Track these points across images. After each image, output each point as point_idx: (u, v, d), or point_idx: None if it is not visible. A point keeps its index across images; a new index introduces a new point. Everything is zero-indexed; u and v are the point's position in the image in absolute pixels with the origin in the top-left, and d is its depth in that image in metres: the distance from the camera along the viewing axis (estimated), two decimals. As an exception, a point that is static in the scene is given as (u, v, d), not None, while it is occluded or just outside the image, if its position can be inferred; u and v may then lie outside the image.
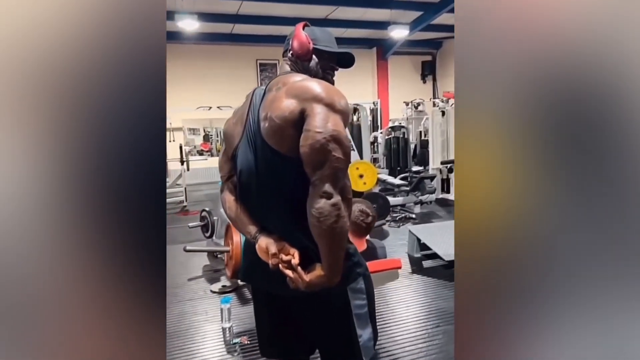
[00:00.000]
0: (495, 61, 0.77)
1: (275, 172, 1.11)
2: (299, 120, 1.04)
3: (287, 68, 1.22)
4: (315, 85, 1.08)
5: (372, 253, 2.01)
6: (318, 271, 1.07)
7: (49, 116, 0.67)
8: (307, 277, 1.07)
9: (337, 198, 1.01)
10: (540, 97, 0.74)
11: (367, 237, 2.23)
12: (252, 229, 1.19)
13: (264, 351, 1.39)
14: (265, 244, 1.13)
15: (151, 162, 0.74)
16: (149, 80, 0.72)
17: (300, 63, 1.21)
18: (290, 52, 1.22)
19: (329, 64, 1.23)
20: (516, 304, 0.78)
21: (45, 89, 0.67)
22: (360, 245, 2.08)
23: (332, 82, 1.23)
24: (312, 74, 1.19)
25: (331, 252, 1.05)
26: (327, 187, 1.01)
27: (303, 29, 1.21)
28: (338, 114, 1.05)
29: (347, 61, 1.26)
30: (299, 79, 1.13)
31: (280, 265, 1.10)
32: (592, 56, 0.70)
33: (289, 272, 1.09)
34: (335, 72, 1.28)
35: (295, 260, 1.08)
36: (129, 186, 0.72)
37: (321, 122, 1.02)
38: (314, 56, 1.20)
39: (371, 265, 1.79)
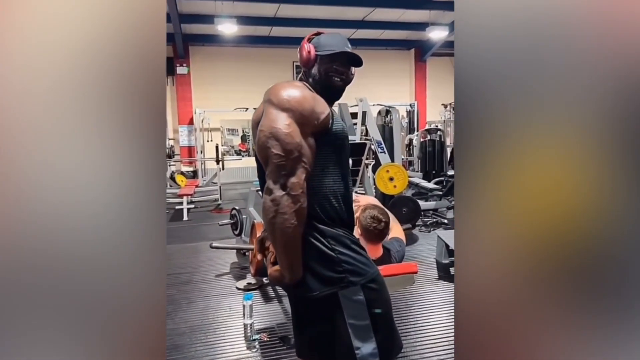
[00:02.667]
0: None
1: (260, 172, 1.19)
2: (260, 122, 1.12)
3: (299, 77, 1.28)
4: (276, 88, 1.14)
5: (387, 258, 1.97)
6: (277, 266, 1.13)
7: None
8: (269, 270, 1.14)
9: (277, 194, 1.03)
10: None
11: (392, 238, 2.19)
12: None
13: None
14: (260, 240, 1.26)
15: (152, 160, 0.77)
16: (149, 80, 0.76)
17: (307, 71, 1.25)
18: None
19: (332, 67, 1.21)
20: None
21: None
22: (376, 251, 2.02)
23: (337, 85, 1.22)
24: (317, 80, 1.22)
25: (276, 248, 1.09)
26: (269, 183, 1.06)
27: (309, 40, 1.25)
28: (285, 112, 1.08)
29: (354, 60, 1.23)
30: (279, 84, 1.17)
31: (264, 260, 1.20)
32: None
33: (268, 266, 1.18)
34: (350, 74, 1.25)
35: (272, 257, 1.15)
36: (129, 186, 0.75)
37: (265, 120, 1.09)
38: (316, 63, 1.22)
39: (384, 269, 1.77)
